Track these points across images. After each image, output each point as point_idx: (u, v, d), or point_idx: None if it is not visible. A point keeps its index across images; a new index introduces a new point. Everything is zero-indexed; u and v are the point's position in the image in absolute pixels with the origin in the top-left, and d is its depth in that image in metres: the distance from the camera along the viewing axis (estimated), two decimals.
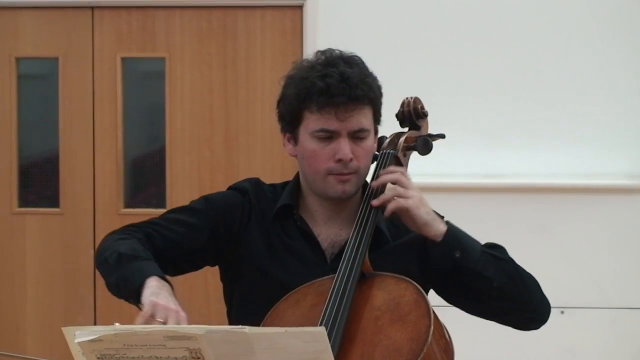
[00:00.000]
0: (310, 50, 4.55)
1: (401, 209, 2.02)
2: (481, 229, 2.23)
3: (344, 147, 2.04)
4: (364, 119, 2.05)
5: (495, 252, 2.07)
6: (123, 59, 4.79)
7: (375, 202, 2.05)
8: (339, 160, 2.05)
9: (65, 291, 4.79)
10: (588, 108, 4.56)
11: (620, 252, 4.43)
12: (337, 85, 2.02)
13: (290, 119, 2.09)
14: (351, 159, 2.05)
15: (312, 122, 2.06)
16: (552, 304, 2.08)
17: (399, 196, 2.03)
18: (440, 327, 1.93)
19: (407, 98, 2.30)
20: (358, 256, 2.01)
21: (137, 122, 4.87)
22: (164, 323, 1.81)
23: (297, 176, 2.19)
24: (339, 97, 2.01)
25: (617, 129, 4.56)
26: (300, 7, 4.68)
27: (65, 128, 4.80)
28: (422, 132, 2.29)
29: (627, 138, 4.56)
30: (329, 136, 2.05)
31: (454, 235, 2.04)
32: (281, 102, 2.12)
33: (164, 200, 4.75)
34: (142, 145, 4.94)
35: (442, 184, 4.40)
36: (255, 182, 2.23)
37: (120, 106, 4.78)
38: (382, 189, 2.08)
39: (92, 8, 4.77)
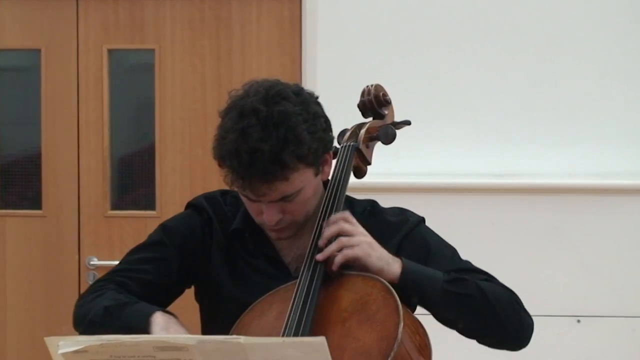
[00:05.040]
0: (309, 43, 4.56)
1: (349, 260, 1.99)
2: (492, 231, 2.23)
3: (267, 214, 2.03)
4: (286, 186, 2.00)
5: (460, 287, 2.03)
6: (110, 51, 4.78)
7: (319, 257, 2.01)
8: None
9: (48, 299, 4.78)
10: (606, 105, 4.56)
11: None
12: (244, 171, 1.96)
13: None
14: (280, 219, 2.04)
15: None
16: (568, 311, 2.08)
17: (345, 247, 2.00)
18: (413, 324, 1.93)
19: (367, 86, 2.30)
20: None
21: (124, 118, 4.87)
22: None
23: None
24: (247, 181, 1.98)
25: (637, 126, 4.56)
26: None
27: (47, 125, 4.80)
28: (387, 121, 2.28)
29: None
30: (253, 200, 2.04)
31: (409, 278, 2.00)
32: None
33: (153, 201, 4.74)
34: (130, 143, 4.93)
35: (452, 184, 4.40)
36: (212, 197, 2.23)
37: (107, 101, 4.78)
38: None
39: None
